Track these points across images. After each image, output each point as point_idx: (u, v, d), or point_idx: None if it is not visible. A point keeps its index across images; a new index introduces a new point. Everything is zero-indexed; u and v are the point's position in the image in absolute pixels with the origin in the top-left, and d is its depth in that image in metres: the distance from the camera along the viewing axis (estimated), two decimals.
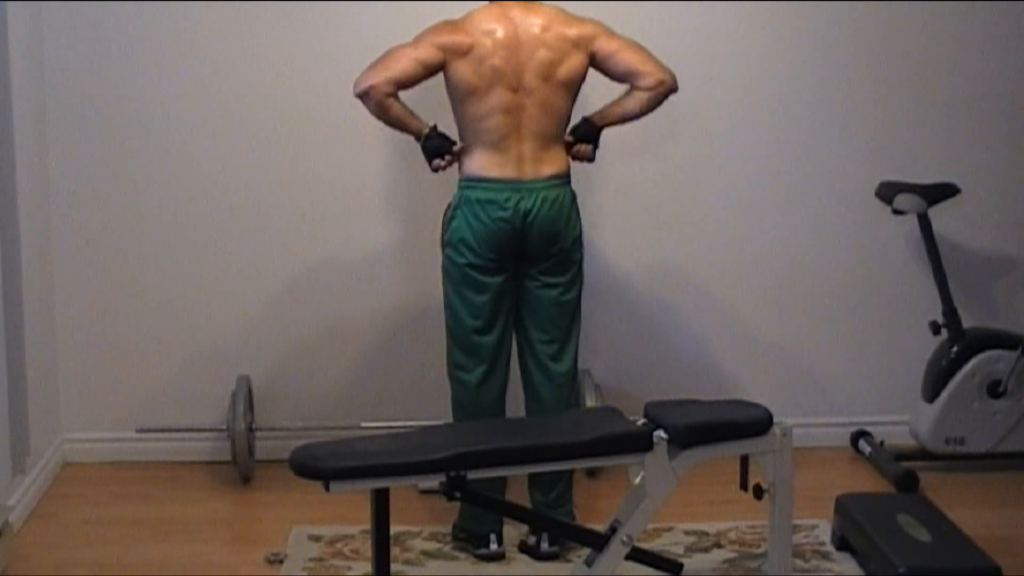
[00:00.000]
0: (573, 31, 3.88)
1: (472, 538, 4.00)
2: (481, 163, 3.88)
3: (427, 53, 3.83)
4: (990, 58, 4.79)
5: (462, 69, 3.83)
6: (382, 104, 3.83)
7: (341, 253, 4.72)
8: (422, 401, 4.63)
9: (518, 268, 3.94)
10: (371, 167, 4.68)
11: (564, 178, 3.93)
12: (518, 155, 3.86)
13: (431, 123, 3.91)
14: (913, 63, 4.77)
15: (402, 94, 3.86)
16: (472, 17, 3.89)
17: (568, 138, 3.98)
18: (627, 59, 3.91)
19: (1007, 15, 4.75)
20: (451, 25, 3.89)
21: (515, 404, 4.17)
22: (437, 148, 3.90)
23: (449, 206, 3.98)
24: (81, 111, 4.59)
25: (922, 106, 4.80)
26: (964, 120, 4.81)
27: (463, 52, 3.82)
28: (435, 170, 3.94)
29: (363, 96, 3.84)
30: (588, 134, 4.00)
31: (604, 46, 3.90)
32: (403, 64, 3.82)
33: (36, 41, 4.49)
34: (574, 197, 3.96)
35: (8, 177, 4.15)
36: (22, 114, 4.26)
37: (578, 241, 3.98)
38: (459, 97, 3.89)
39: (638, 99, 3.95)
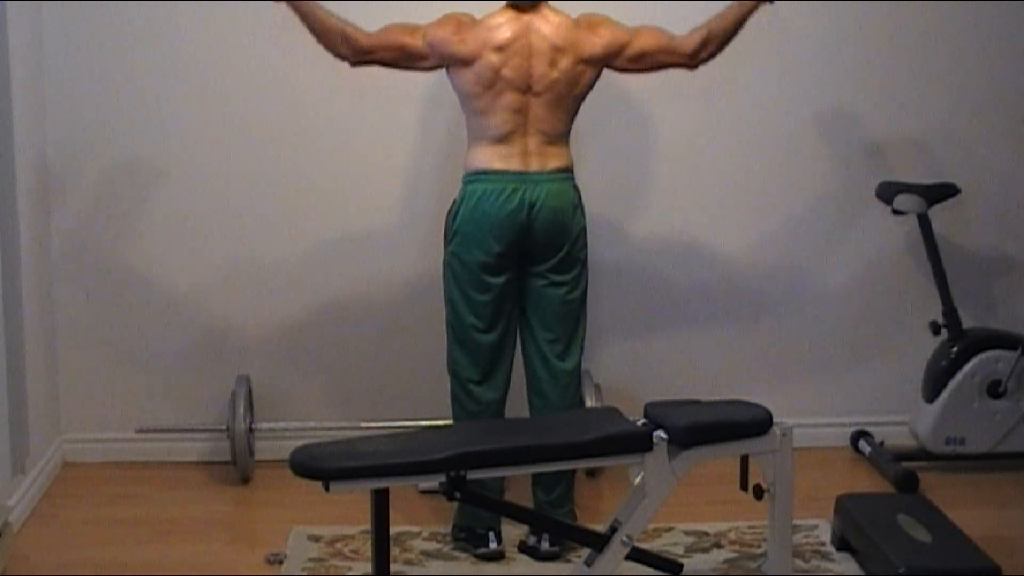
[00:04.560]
0: (599, 48, 3.87)
1: (472, 537, 4.00)
2: (486, 156, 3.87)
3: (413, 43, 3.86)
4: (990, 58, 4.79)
5: (466, 78, 3.85)
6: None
7: (341, 253, 4.72)
8: (422, 401, 4.62)
9: (523, 267, 3.94)
10: (370, 168, 4.68)
11: (568, 172, 3.94)
12: (523, 149, 3.86)
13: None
14: (914, 63, 4.77)
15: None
16: (483, 23, 3.86)
17: None
18: (651, 42, 3.94)
19: (1008, 15, 4.75)
20: (457, 24, 3.85)
21: (517, 402, 4.17)
22: None
23: (454, 203, 3.98)
24: (81, 111, 4.59)
25: (922, 106, 4.80)
26: (964, 120, 4.81)
27: (465, 62, 3.83)
28: None
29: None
30: None
31: (632, 47, 3.91)
32: (388, 37, 3.87)
33: (36, 41, 4.48)
34: (579, 192, 3.97)
35: (8, 177, 4.15)
36: (22, 114, 4.26)
37: (582, 237, 3.98)
38: (462, 99, 3.92)
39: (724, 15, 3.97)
